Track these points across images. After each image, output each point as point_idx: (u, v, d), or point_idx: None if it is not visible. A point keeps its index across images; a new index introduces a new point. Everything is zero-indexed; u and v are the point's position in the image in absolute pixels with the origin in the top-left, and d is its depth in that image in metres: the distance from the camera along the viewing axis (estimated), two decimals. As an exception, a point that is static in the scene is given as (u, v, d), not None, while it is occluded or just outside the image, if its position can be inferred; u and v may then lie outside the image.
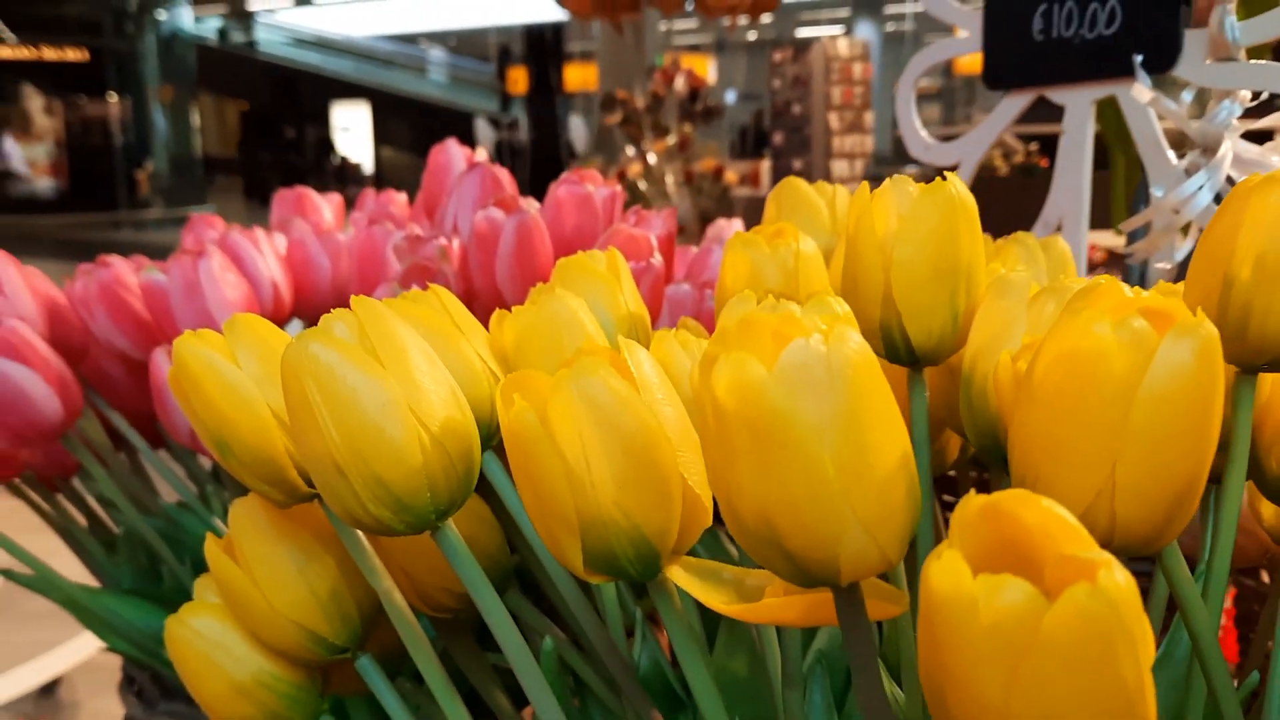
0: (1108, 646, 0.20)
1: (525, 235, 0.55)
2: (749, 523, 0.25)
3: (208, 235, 0.72)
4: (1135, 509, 0.26)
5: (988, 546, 0.23)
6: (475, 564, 0.32)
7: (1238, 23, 0.62)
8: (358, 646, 0.38)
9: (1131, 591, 0.20)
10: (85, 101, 13.77)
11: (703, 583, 0.30)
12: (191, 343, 0.34)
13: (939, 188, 0.36)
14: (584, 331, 0.40)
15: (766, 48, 6.88)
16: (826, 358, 0.24)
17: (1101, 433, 0.25)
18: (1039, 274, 0.46)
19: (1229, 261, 0.35)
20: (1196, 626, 0.33)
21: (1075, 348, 0.25)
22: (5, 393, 0.51)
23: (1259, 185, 0.35)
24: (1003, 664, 0.21)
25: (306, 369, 0.29)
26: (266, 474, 0.34)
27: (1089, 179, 0.71)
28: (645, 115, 5.36)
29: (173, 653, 0.39)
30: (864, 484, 0.24)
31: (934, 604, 0.21)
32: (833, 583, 0.25)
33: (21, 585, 0.58)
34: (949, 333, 0.37)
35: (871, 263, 0.37)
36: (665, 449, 0.28)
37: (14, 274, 0.58)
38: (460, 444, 0.31)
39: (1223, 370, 0.26)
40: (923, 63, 0.81)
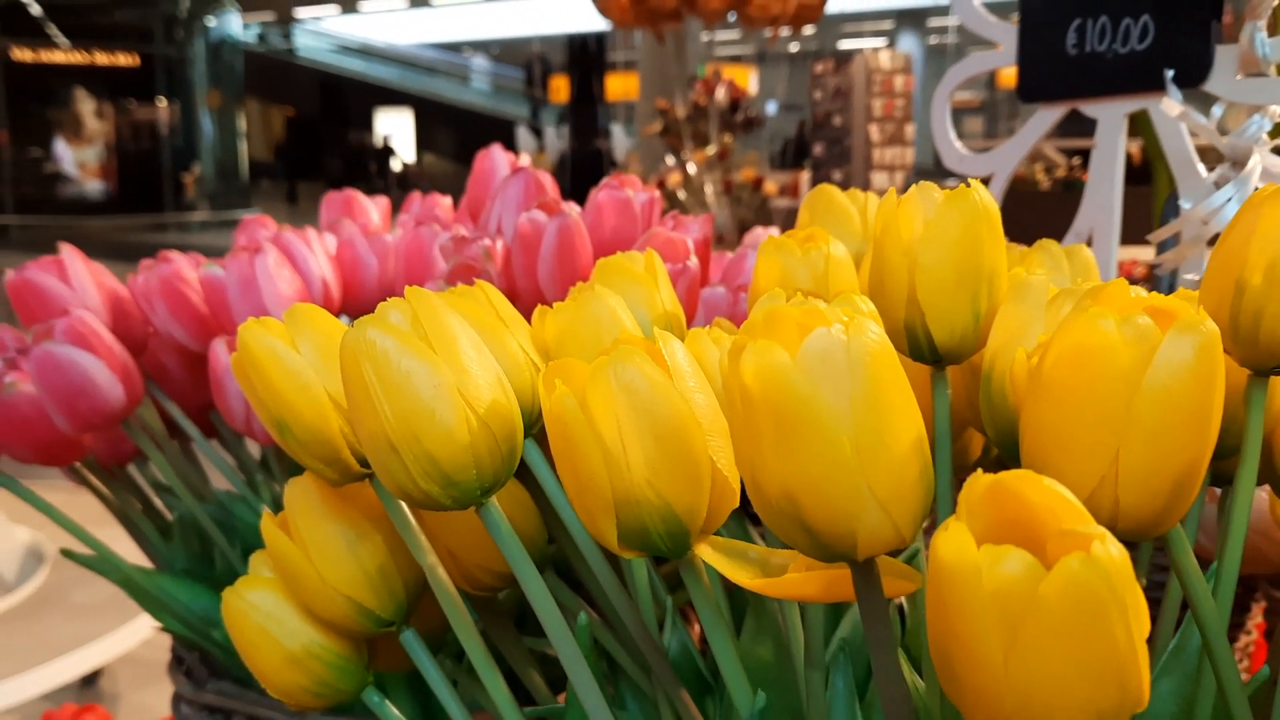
0: (1100, 613, 0.22)
1: (567, 237, 0.57)
2: (773, 499, 0.27)
3: (261, 234, 0.75)
4: (1137, 495, 0.27)
5: (994, 522, 0.24)
6: (516, 539, 0.34)
7: (1268, 39, 0.63)
8: (403, 621, 0.41)
9: (1124, 564, 0.22)
10: (135, 106, 14.03)
11: (729, 560, 0.32)
12: (255, 330, 0.36)
13: (963, 195, 0.38)
14: (621, 327, 0.42)
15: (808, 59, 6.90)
16: (846, 346, 0.26)
17: (1106, 423, 0.27)
18: (1062, 280, 0.47)
19: (1242, 268, 0.36)
20: (1203, 616, 0.34)
21: (1082, 342, 0.27)
22: (73, 379, 0.54)
23: (1271, 196, 0.36)
24: (1003, 628, 0.22)
25: (364, 353, 0.31)
26: (322, 453, 0.36)
27: (1120, 191, 0.72)
28: (685, 125, 5.39)
29: (229, 624, 0.41)
30: (880, 464, 0.26)
31: (941, 573, 0.23)
32: (850, 557, 0.27)
33: (83, 565, 0.61)
34: (970, 333, 0.39)
35: (898, 266, 0.39)
36: (696, 433, 0.30)
37: (81, 268, 0.61)
38: (504, 425, 0.33)
39: (1223, 366, 0.27)
40: (958, 75, 0.83)
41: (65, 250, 0.61)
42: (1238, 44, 0.64)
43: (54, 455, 0.60)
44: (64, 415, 0.56)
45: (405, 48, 19.69)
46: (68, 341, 0.54)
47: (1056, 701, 0.23)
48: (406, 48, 19.71)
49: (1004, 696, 0.23)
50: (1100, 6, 0.71)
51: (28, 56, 13.24)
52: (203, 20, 14.33)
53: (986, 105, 14.26)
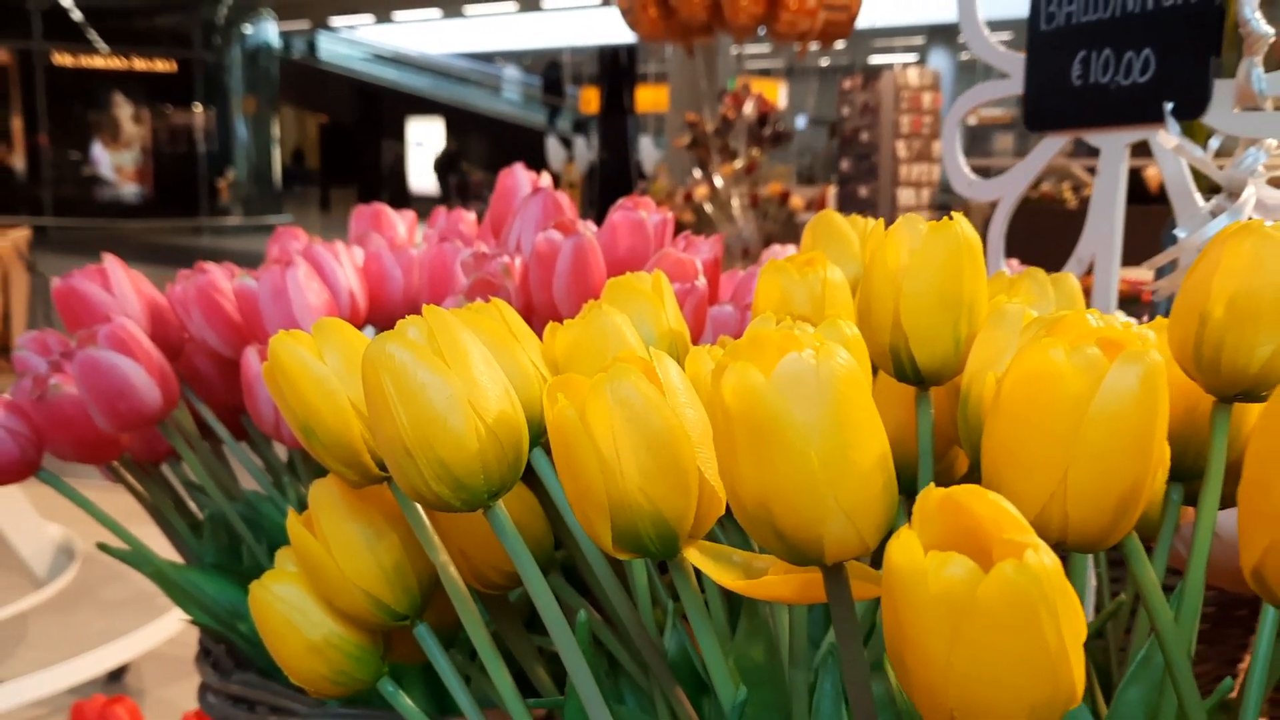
0: (1031, 615, 0.24)
1: (581, 256, 0.60)
2: (749, 507, 0.30)
3: (292, 246, 0.78)
4: (1084, 510, 0.30)
5: (946, 531, 0.27)
6: (520, 540, 0.37)
7: (1264, 75, 0.65)
8: (417, 615, 0.43)
9: (1055, 570, 0.25)
10: (172, 111, 14.23)
11: (715, 562, 0.35)
12: (285, 341, 0.39)
13: (946, 227, 0.41)
14: (626, 344, 0.45)
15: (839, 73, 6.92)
16: (816, 370, 0.28)
17: (1056, 444, 0.29)
18: (1047, 307, 0.50)
19: (1205, 301, 0.38)
20: (1161, 627, 0.36)
21: (1035, 370, 0.30)
22: (114, 381, 0.58)
23: (1234, 234, 0.39)
24: (946, 626, 0.25)
25: (384, 365, 0.34)
26: (344, 457, 0.39)
27: (1121, 218, 0.74)
28: (713, 139, 5.41)
29: (256, 615, 0.44)
30: (845, 477, 0.28)
31: (892, 576, 0.26)
32: (819, 562, 0.30)
33: (118, 559, 0.65)
34: (951, 357, 0.41)
35: (884, 292, 0.41)
36: (685, 445, 0.33)
37: (123, 276, 0.64)
38: (511, 434, 0.36)
39: (1165, 394, 0.30)
40: (968, 103, 0.85)
41: (108, 260, 0.65)
42: (1235, 79, 0.66)
43: (94, 453, 0.63)
44: (104, 415, 0.59)
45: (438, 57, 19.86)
46: (109, 347, 0.58)
47: (994, 695, 0.25)
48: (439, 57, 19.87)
49: (948, 689, 0.26)
50: (1104, 39, 0.73)
51: (68, 61, 13.46)
52: (240, 27, 14.51)
53: (1016, 123, 14.22)
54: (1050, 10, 0.77)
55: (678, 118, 6.68)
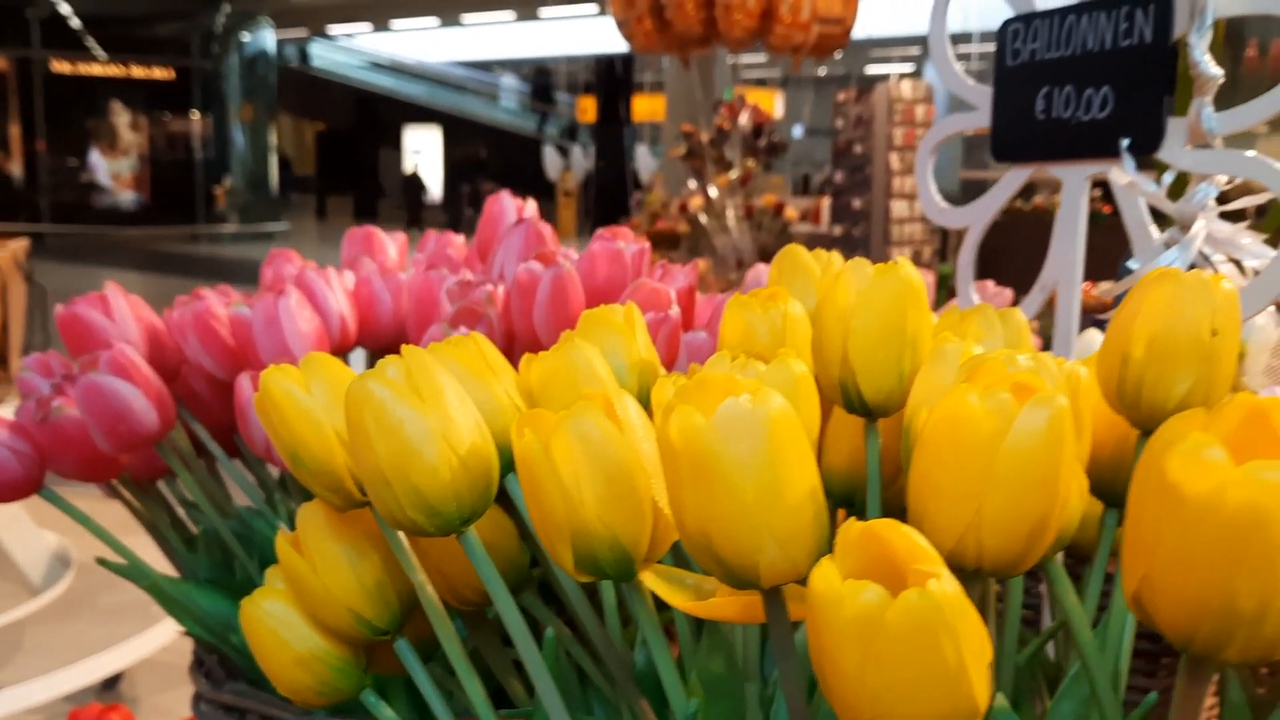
0: (932, 637, 0.27)
1: (560, 287, 0.63)
2: (692, 535, 0.33)
3: (286, 269, 0.81)
4: (997, 540, 0.33)
5: (866, 560, 0.30)
6: (490, 562, 0.40)
7: (1214, 114, 0.68)
8: (396, 630, 0.46)
9: (956, 597, 0.28)
10: (169, 118, 14.26)
11: (668, 585, 0.38)
12: (275, 376, 0.42)
13: (891, 270, 0.44)
14: (596, 375, 0.48)
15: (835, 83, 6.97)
16: (752, 413, 0.31)
17: (971, 479, 0.32)
18: (995, 342, 0.53)
19: (1128, 342, 0.42)
20: (1081, 644, 0.39)
21: (953, 412, 0.33)
22: (114, 405, 0.60)
23: (1155, 279, 0.42)
24: (859, 647, 0.28)
25: (365, 401, 0.37)
26: (329, 483, 0.42)
27: (1082, 247, 0.77)
28: (709, 149, 5.45)
29: (246, 628, 0.47)
30: (777, 510, 0.32)
31: (814, 601, 0.29)
32: (756, 586, 0.33)
33: (115, 572, 0.67)
34: (896, 391, 0.44)
35: (834, 330, 0.44)
36: (641, 477, 0.36)
37: (123, 303, 0.67)
38: (481, 465, 0.39)
39: (1072, 435, 0.33)
40: (938, 134, 0.88)
41: (109, 287, 0.68)
42: (1186, 117, 0.69)
43: (95, 472, 0.66)
44: (105, 437, 0.62)
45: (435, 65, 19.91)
46: (110, 372, 0.61)
47: (901, 708, 0.28)
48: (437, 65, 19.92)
49: (862, 703, 0.29)
50: (1065, 76, 0.76)
51: (66, 69, 13.50)
52: (237, 35, 14.56)
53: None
54: (1016, 47, 0.81)
55: (674, 128, 6.72)
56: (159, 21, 14.55)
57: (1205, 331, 0.41)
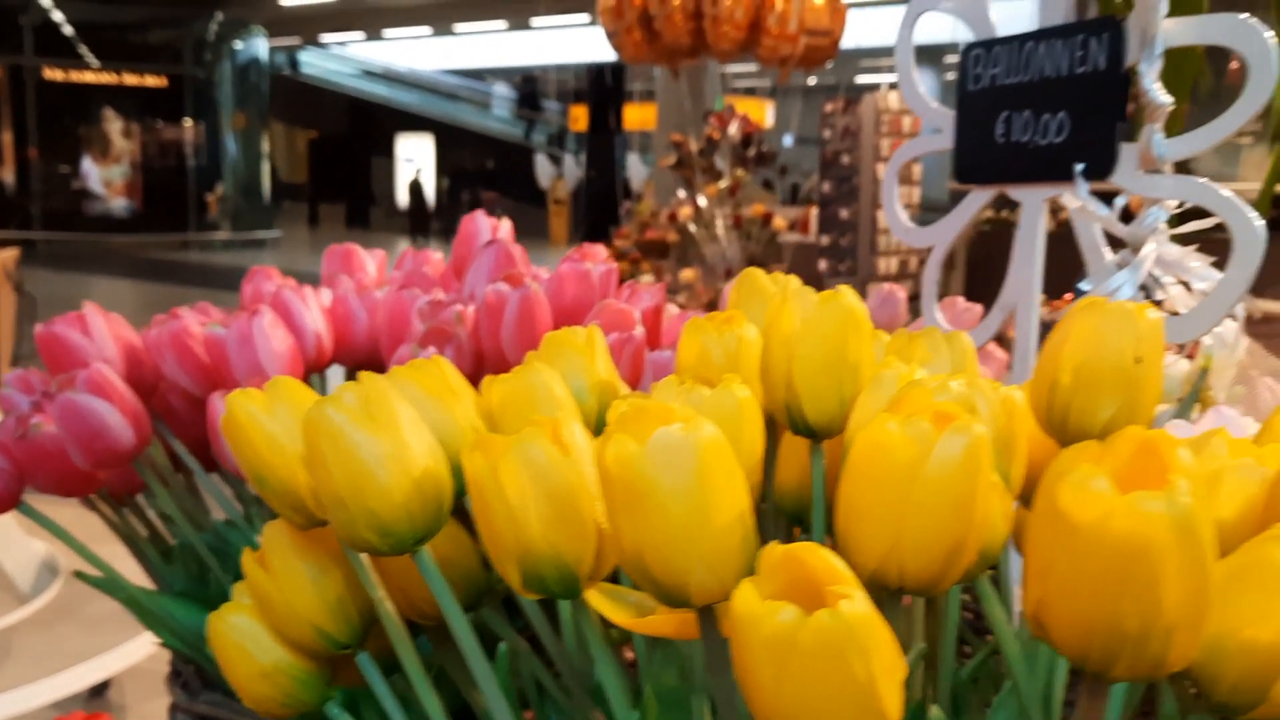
0: (843, 655, 0.29)
1: (527, 308, 0.65)
2: (628, 556, 0.34)
3: (265, 288, 0.83)
4: (918, 561, 0.35)
5: (788, 582, 0.32)
6: (442, 579, 0.41)
7: (1163, 140, 0.70)
8: (358, 644, 0.48)
9: (867, 617, 0.29)
10: (161, 126, 14.26)
11: (611, 602, 0.39)
12: (240, 399, 0.44)
13: (834, 298, 0.46)
14: (554, 397, 0.50)
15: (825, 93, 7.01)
16: (683, 441, 0.33)
17: (892, 504, 0.34)
18: (941, 365, 0.54)
19: (1056, 369, 0.43)
20: (1009, 658, 0.41)
21: (875, 439, 0.35)
22: (90, 424, 0.62)
23: (1083, 309, 0.44)
24: (775, 664, 0.30)
25: (322, 427, 0.39)
26: (291, 503, 0.44)
27: (1040, 268, 0.79)
28: (698, 159, 5.47)
29: (213, 642, 0.49)
30: (706, 533, 0.33)
31: (735, 620, 0.31)
32: (688, 604, 0.34)
33: (92, 586, 0.69)
34: (838, 414, 0.46)
35: (779, 355, 0.46)
36: (585, 499, 0.38)
37: (100, 322, 0.69)
38: (434, 487, 0.40)
39: (988, 461, 0.35)
40: (904, 156, 0.90)
41: (88, 307, 0.69)
42: (1137, 143, 0.71)
43: (72, 487, 0.68)
44: (81, 454, 0.63)
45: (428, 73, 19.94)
46: (87, 391, 0.62)
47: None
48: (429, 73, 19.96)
49: (776, 715, 0.30)
50: (1024, 101, 0.78)
51: (59, 76, 13.50)
52: (230, 43, 14.57)
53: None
54: (977, 72, 0.83)
55: (665, 137, 6.75)
56: (151, 29, 14.56)
57: (1129, 359, 0.42)
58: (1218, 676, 0.34)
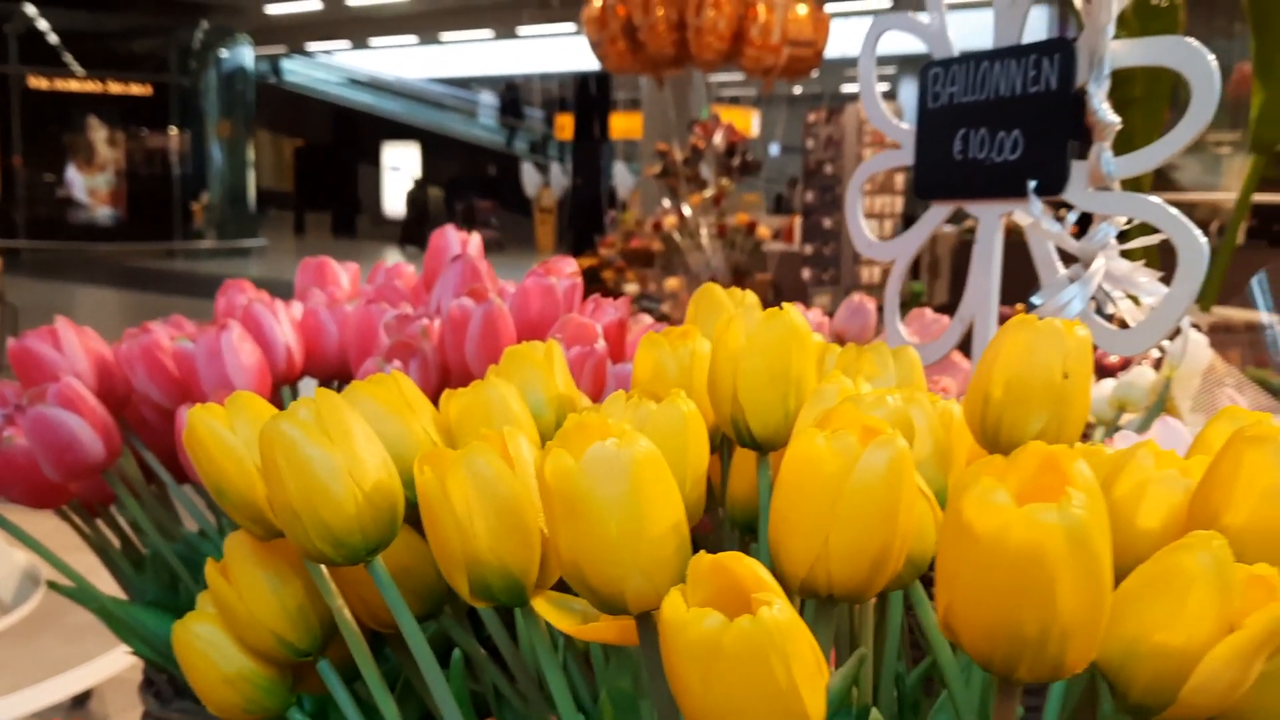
0: (763, 658, 0.31)
1: (490, 322, 0.67)
2: (567, 565, 0.36)
3: (238, 300, 0.84)
4: (844, 569, 0.36)
5: (716, 589, 0.33)
6: (395, 588, 0.43)
7: (1112, 159, 0.72)
8: (319, 651, 0.49)
9: (787, 623, 0.31)
10: (146, 134, 14.24)
11: (557, 609, 0.41)
12: (200, 414, 0.45)
13: (778, 315, 0.47)
14: (510, 411, 0.51)
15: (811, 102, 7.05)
16: (617, 455, 0.35)
17: (819, 514, 0.36)
18: (888, 379, 0.56)
19: (988, 384, 0.45)
20: (941, 662, 0.43)
21: (803, 453, 0.36)
22: (61, 436, 0.63)
23: (1013, 326, 0.45)
24: (702, 667, 0.31)
25: (277, 441, 0.41)
26: (250, 514, 0.45)
27: (997, 282, 0.81)
28: (683, 168, 5.49)
29: (178, 650, 0.50)
30: (641, 543, 0.35)
31: (664, 627, 0.32)
32: (625, 611, 0.36)
33: (64, 595, 0.70)
34: (782, 427, 0.47)
35: (725, 370, 0.48)
36: (530, 511, 0.39)
37: (72, 336, 0.70)
38: (386, 500, 0.42)
39: (911, 474, 0.36)
40: (866, 172, 0.92)
41: (59, 322, 0.70)
42: (1087, 161, 0.73)
43: (43, 499, 0.69)
44: (52, 466, 0.65)
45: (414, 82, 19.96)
46: (57, 404, 0.63)
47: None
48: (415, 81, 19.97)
49: (704, 716, 0.32)
50: (980, 119, 0.80)
51: (43, 84, 13.47)
52: (215, 52, 14.56)
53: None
54: (936, 90, 0.85)
55: (651, 145, 6.78)
56: (136, 38, 14.55)
57: (1057, 375, 0.44)
58: (1131, 679, 0.36)
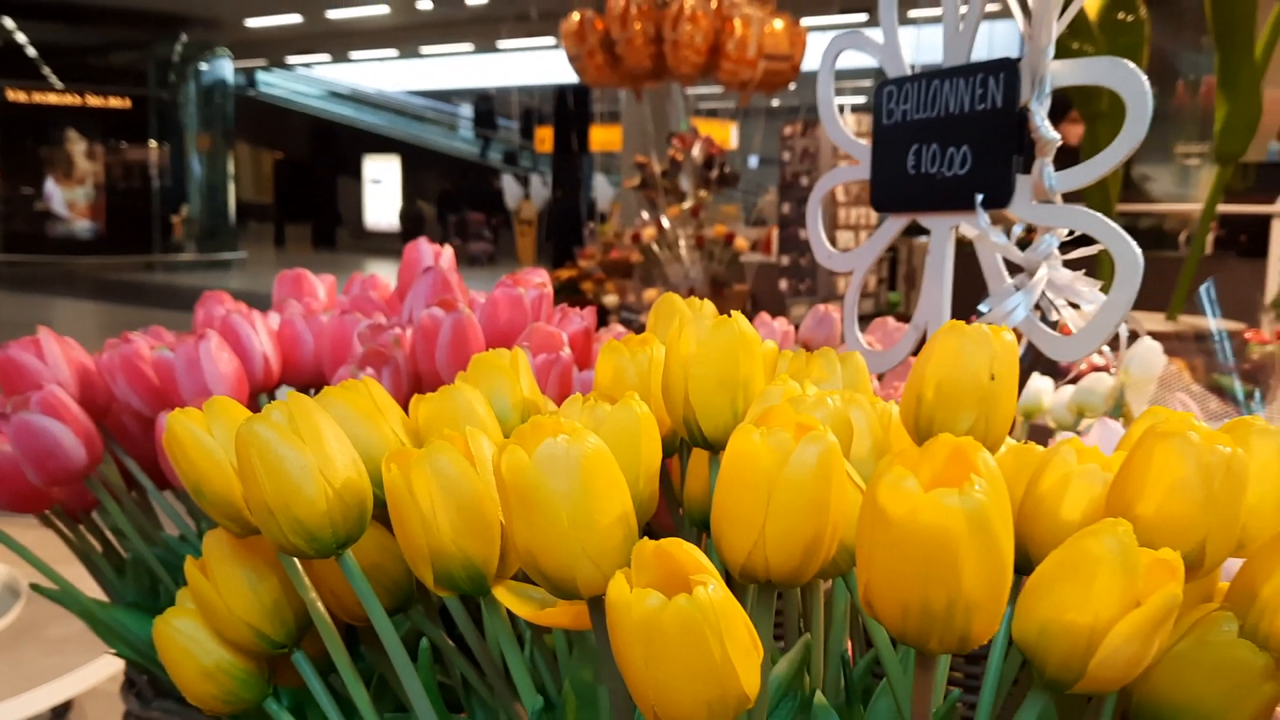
0: (698, 635, 0.33)
1: (459, 331, 0.69)
2: (522, 555, 0.39)
3: (216, 311, 0.86)
4: (779, 555, 0.39)
5: (659, 573, 0.36)
6: (365, 580, 0.46)
7: (1054, 174, 0.76)
8: (294, 644, 0.52)
9: (721, 601, 0.34)
10: (126, 147, 14.19)
11: (517, 597, 0.44)
12: (179, 418, 0.48)
13: (726, 323, 0.50)
14: (476, 415, 0.54)
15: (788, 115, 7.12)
16: (568, 451, 0.38)
17: (755, 505, 0.39)
18: (835, 383, 0.59)
19: (921, 385, 0.48)
20: (879, 646, 0.46)
21: (741, 449, 0.39)
22: (44, 443, 0.66)
23: (945, 331, 0.48)
24: (642, 644, 0.34)
25: (252, 441, 0.43)
26: (228, 512, 0.48)
27: (949, 291, 0.84)
28: (662, 180, 5.54)
29: (159, 645, 0.53)
30: (590, 532, 0.38)
31: (610, 607, 0.35)
32: (576, 596, 0.39)
33: (48, 598, 0.72)
34: (732, 427, 0.50)
35: (677, 375, 0.51)
36: (490, 506, 0.42)
37: (55, 346, 0.72)
38: (355, 496, 0.45)
39: (841, 468, 0.39)
40: (826, 185, 0.96)
41: (42, 332, 0.73)
42: (1031, 175, 0.77)
43: (27, 504, 0.71)
44: (35, 472, 0.67)
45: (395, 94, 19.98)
46: (41, 411, 0.66)
47: (677, 694, 0.34)
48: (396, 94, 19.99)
49: (648, 689, 0.35)
50: (932, 135, 0.84)
51: (22, 97, 13.42)
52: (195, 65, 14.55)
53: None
54: (890, 108, 0.88)
55: (630, 158, 6.82)
56: (115, 51, 14.53)
57: (985, 377, 0.47)
58: (1047, 656, 0.39)
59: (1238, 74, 2.42)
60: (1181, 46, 6.48)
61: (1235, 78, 2.42)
